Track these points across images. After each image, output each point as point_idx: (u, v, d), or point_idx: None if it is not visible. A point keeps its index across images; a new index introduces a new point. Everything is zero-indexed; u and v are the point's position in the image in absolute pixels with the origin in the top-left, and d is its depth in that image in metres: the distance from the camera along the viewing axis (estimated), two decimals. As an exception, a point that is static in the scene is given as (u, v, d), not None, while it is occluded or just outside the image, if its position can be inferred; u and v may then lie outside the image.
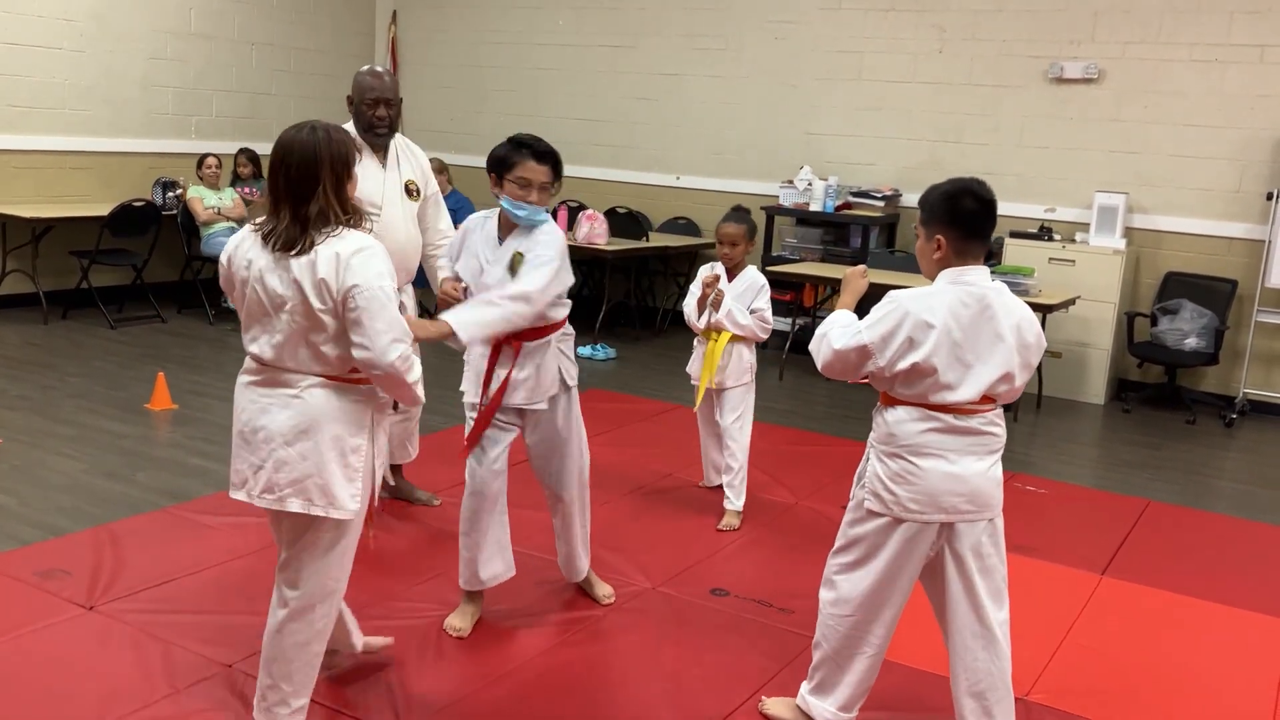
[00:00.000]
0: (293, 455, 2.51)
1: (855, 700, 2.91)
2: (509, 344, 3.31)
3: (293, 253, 2.45)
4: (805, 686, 2.97)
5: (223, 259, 2.59)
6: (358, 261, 2.44)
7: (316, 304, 2.44)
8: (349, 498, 2.55)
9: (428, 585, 3.75)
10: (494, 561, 3.47)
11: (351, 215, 2.51)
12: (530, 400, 3.38)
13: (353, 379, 2.56)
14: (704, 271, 4.46)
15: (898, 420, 2.69)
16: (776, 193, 8.21)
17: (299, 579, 2.62)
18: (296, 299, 2.45)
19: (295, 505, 2.53)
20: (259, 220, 2.54)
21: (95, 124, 8.13)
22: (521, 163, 3.23)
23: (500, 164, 3.26)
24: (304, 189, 2.45)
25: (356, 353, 2.47)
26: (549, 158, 3.26)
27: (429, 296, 4.50)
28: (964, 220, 2.65)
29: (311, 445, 2.51)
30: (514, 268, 3.25)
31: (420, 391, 2.58)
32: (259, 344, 2.54)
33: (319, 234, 2.46)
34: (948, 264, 2.67)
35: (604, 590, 3.71)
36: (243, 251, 2.54)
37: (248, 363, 2.60)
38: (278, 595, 2.66)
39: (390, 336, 2.45)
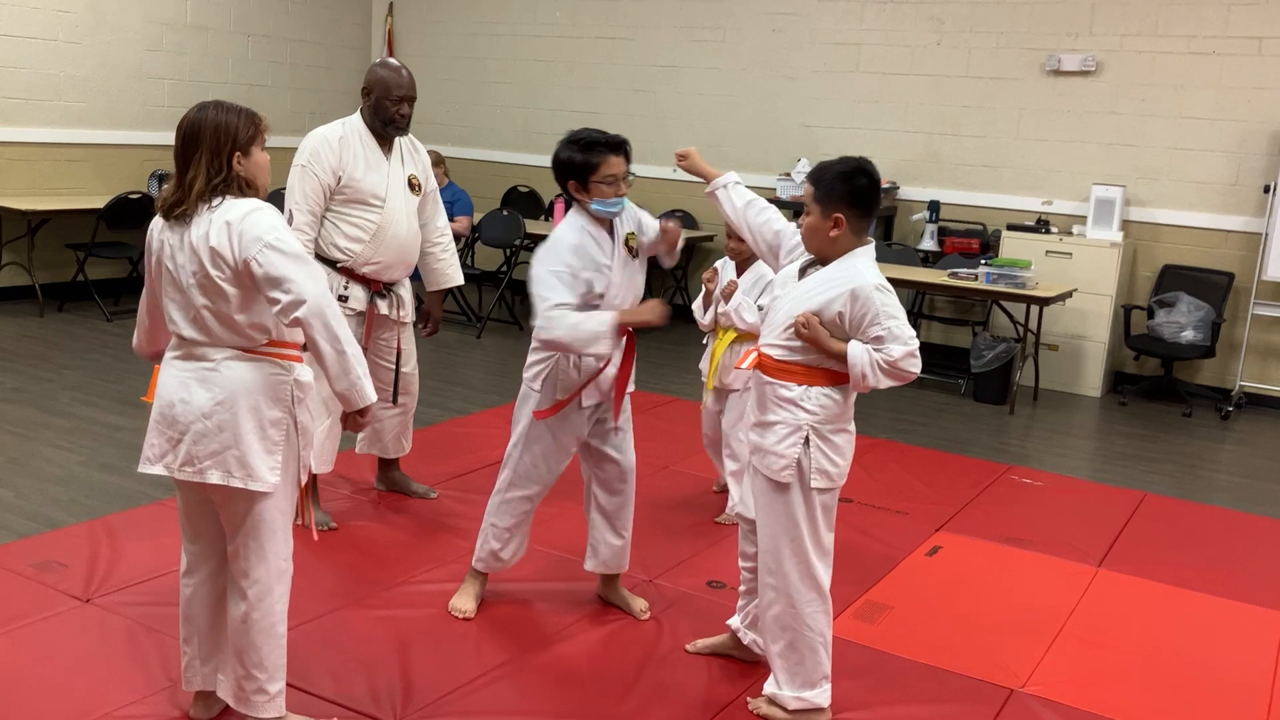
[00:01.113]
0: (210, 427, 2.53)
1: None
2: (623, 334, 3.31)
3: (180, 219, 2.50)
4: (791, 688, 2.95)
5: (147, 241, 2.64)
6: (248, 224, 2.47)
7: (214, 272, 2.48)
8: (268, 470, 2.56)
9: (424, 577, 3.75)
10: (516, 542, 3.55)
11: (230, 185, 2.52)
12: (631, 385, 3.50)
13: (269, 352, 2.58)
14: (716, 265, 4.37)
15: (843, 397, 2.86)
16: (774, 185, 8.20)
17: (249, 567, 2.63)
18: (200, 271, 2.49)
19: (215, 477, 2.54)
20: None
21: (91, 116, 8.11)
22: (604, 161, 3.18)
23: (583, 169, 3.18)
24: (186, 157, 2.52)
25: (278, 306, 2.47)
26: (623, 148, 3.26)
27: (424, 289, 4.50)
28: (861, 198, 2.81)
29: (229, 417, 2.53)
30: (632, 247, 3.32)
31: (342, 366, 2.53)
32: (176, 321, 2.58)
33: (204, 201, 2.50)
34: (847, 241, 2.83)
35: (640, 604, 3.62)
36: (155, 233, 2.60)
37: (172, 340, 2.63)
38: (233, 588, 2.67)
39: (304, 274, 2.47)
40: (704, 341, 4.49)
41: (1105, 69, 7.31)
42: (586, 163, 3.18)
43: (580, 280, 3.16)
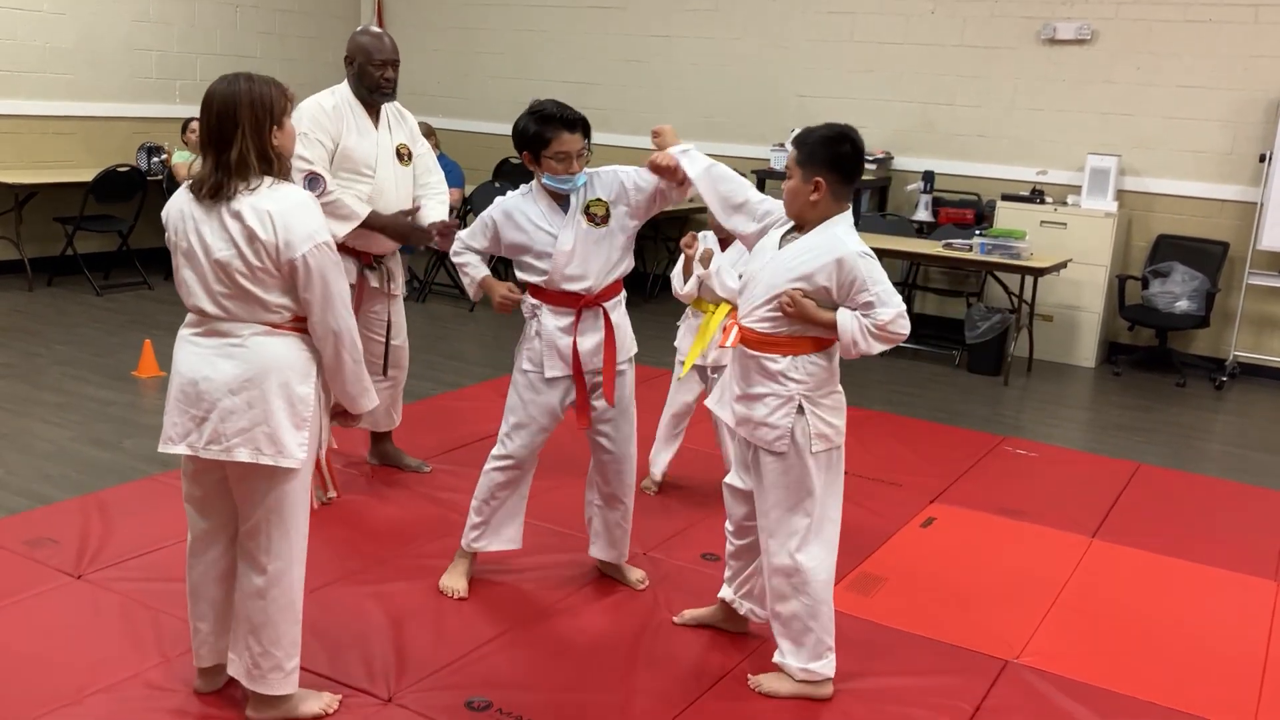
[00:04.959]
0: (239, 404, 2.51)
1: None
2: (590, 307, 3.29)
3: (219, 200, 2.47)
4: (798, 660, 2.96)
5: (163, 216, 2.61)
6: (295, 221, 2.47)
7: (252, 259, 2.47)
8: (297, 446, 2.55)
9: (418, 551, 3.74)
10: (507, 529, 3.51)
11: (274, 164, 2.52)
12: (620, 361, 3.39)
13: (296, 328, 2.57)
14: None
15: (829, 360, 2.89)
16: (768, 155, 8.15)
17: (271, 543, 2.61)
18: (231, 251, 2.47)
19: (243, 454, 2.52)
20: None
21: (77, 88, 8.02)
22: (557, 137, 3.16)
23: (535, 142, 3.17)
24: (224, 135, 2.46)
25: (310, 315, 2.53)
26: (580, 124, 3.21)
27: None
28: (843, 164, 2.82)
29: (258, 394, 2.52)
30: (595, 215, 3.25)
31: (357, 374, 2.61)
32: (197, 296, 2.55)
33: (243, 182, 2.47)
34: (826, 206, 2.81)
35: (637, 575, 3.62)
36: (178, 206, 2.56)
37: (189, 317, 2.60)
38: (250, 565, 2.65)
39: (341, 300, 2.55)
40: (682, 317, 4.37)
41: (1101, 37, 7.26)
42: (540, 136, 3.16)
43: (489, 232, 3.32)
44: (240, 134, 2.45)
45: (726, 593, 3.26)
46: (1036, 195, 7.34)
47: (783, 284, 2.79)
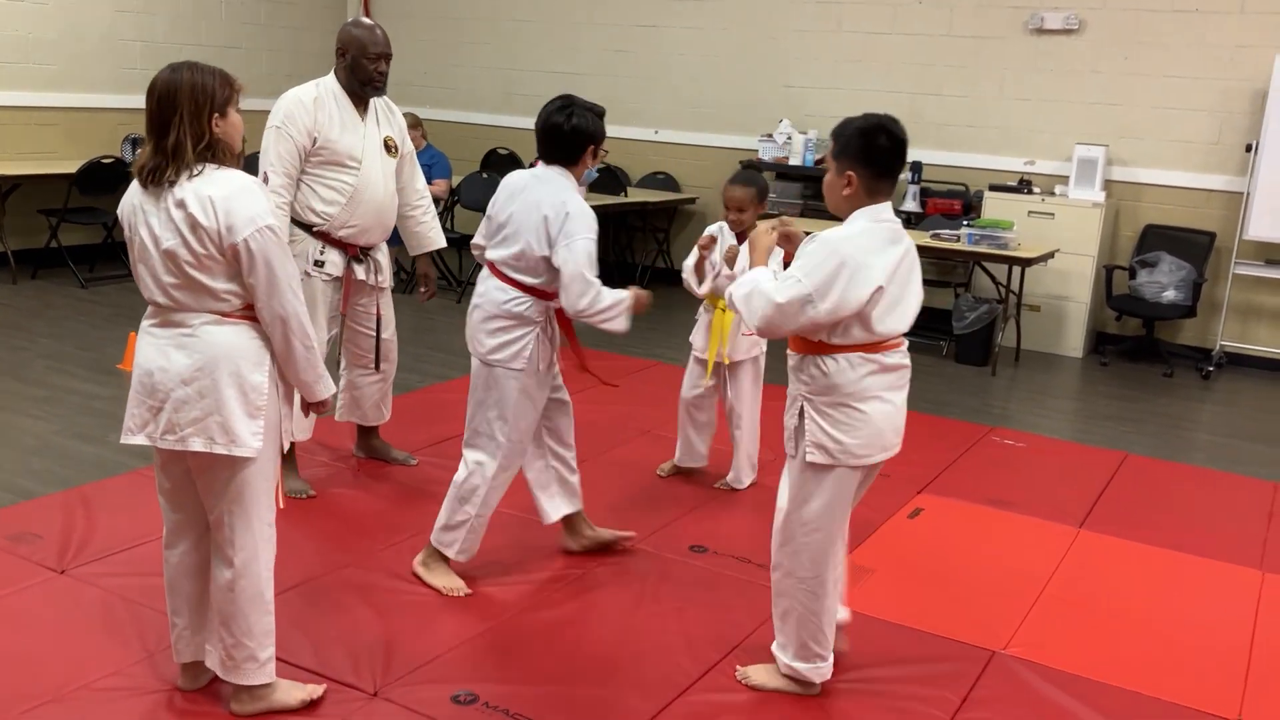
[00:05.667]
0: (191, 394, 2.51)
1: (831, 643, 2.94)
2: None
3: (160, 185, 2.46)
4: (786, 656, 2.94)
5: (118, 213, 2.61)
6: (237, 205, 2.45)
7: (196, 247, 2.45)
8: (250, 435, 2.54)
9: (405, 544, 3.73)
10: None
11: (214, 150, 2.51)
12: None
13: (247, 315, 2.55)
14: (710, 230, 4.19)
15: (838, 370, 2.71)
16: (756, 146, 8.14)
17: (235, 535, 2.60)
18: (177, 240, 2.46)
19: (197, 444, 2.51)
20: None
21: (61, 79, 7.96)
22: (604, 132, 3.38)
23: (601, 137, 3.32)
24: (164, 120, 2.46)
25: (259, 296, 2.50)
26: None
27: (403, 254, 4.46)
28: (877, 158, 2.69)
29: (209, 383, 2.50)
30: None
31: (309, 361, 2.59)
32: (150, 289, 2.55)
33: (183, 168, 2.46)
34: (858, 200, 2.70)
35: (619, 534, 3.74)
36: (129, 202, 2.56)
37: (148, 309, 2.61)
38: (218, 556, 2.64)
39: (288, 285, 2.52)
40: (697, 315, 4.38)
41: (1088, 27, 7.25)
42: (604, 132, 3.35)
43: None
44: (179, 119, 2.45)
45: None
46: (1024, 185, 7.34)
47: None
